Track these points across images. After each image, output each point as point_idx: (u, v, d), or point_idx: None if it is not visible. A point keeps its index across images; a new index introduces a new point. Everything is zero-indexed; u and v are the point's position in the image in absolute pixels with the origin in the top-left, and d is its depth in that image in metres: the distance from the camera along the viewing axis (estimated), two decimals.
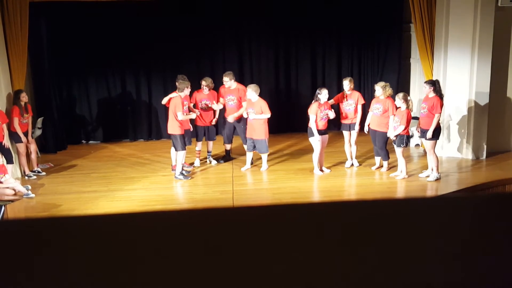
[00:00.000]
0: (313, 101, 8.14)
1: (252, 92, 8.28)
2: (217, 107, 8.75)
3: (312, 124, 8.05)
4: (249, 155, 8.63)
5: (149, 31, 10.35)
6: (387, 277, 0.74)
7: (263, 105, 8.30)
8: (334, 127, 10.40)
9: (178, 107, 7.99)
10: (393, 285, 0.73)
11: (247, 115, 8.38)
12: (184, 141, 8.15)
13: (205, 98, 8.72)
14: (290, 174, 8.49)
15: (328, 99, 8.28)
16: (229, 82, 8.67)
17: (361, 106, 8.56)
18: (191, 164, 8.84)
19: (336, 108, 8.76)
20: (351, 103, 8.55)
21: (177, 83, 8.19)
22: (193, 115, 8.33)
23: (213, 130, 8.96)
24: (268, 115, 8.32)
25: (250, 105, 8.33)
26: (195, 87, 8.76)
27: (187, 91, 8.16)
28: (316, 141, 8.13)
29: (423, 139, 8.17)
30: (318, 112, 8.03)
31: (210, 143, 9.04)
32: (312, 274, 0.74)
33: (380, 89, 8.18)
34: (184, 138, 8.13)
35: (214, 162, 9.09)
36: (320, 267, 0.75)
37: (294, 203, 0.94)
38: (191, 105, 8.59)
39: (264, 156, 8.61)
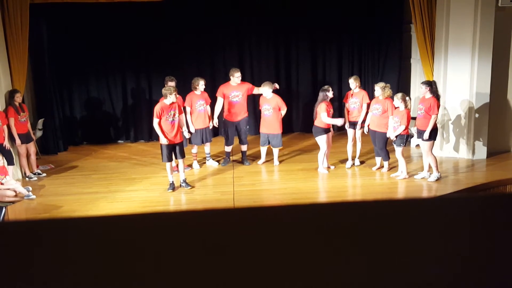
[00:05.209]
0: (320, 101, 8.18)
1: (267, 89, 8.58)
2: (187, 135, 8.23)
3: (327, 120, 8.14)
4: (264, 149, 8.89)
5: (149, 31, 10.35)
6: (388, 277, 0.74)
7: (279, 100, 8.68)
8: (338, 128, 10.38)
9: (156, 113, 7.62)
10: (394, 285, 0.73)
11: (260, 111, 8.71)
12: (170, 153, 7.75)
13: (200, 99, 8.66)
14: (291, 174, 8.50)
15: (332, 99, 8.46)
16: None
17: (366, 105, 8.58)
18: (189, 165, 8.83)
19: (342, 106, 8.87)
20: (356, 101, 8.58)
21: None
22: (163, 140, 7.63)
23: (210, 131, 8.89)
24: (285, 109, 8.76)
25: (266, 102, 8.63)
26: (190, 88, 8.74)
27: (170, 98, 7.56)
28: (323, 139, 8.16)
29: (420, 140, 8.17)
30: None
31: (207, 144, 8.95)
32: (313, 274, 0.74)
33: (379, 90, 8.20)
34: (170, 150, 7.71)
35: (215, 164, 9.06)
36: (321, 267, 0.75)
37: (295, 204, 0.94)
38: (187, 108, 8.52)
39: (276, 151, 8.84)
